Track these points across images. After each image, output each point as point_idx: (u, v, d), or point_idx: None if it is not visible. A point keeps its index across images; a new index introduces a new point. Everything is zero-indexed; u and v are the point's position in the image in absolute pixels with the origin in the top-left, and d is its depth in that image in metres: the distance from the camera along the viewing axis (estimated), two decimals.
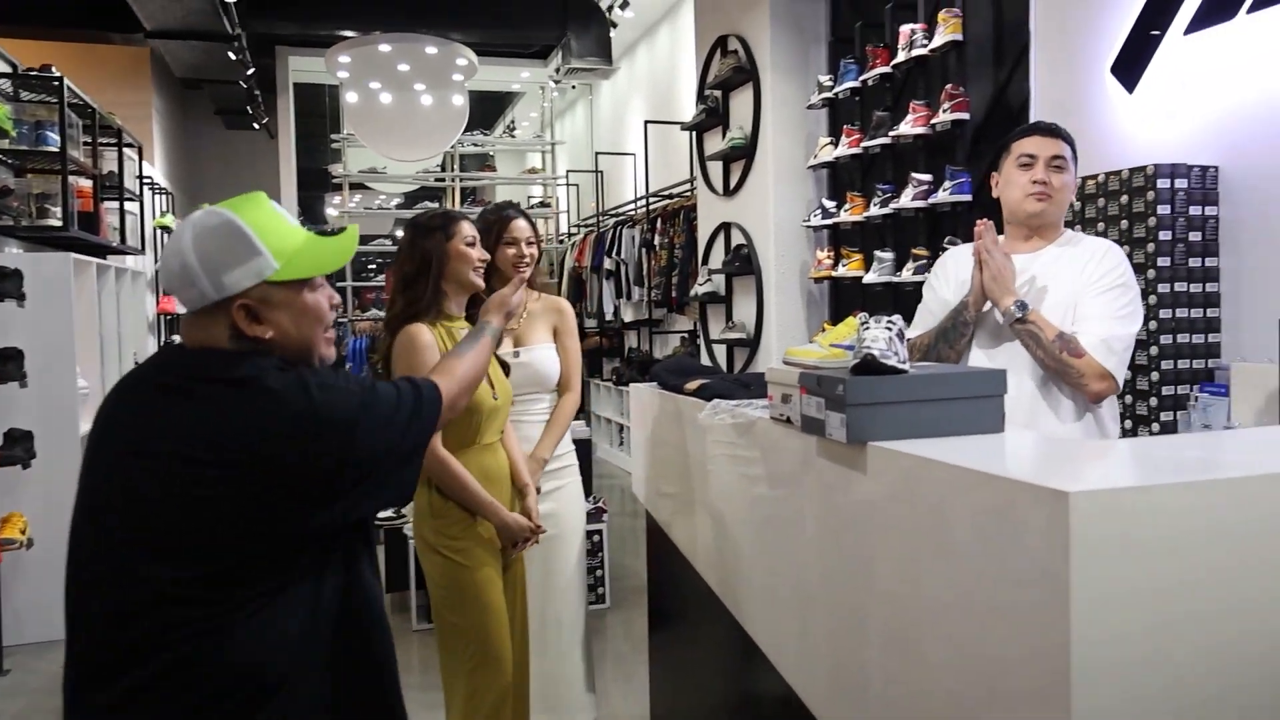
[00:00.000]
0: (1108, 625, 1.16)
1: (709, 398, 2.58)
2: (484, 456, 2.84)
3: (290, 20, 9.14)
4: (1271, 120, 2.97)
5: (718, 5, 6.71)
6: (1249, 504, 1.24)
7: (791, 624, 2.05)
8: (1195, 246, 3.13)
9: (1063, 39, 3.76)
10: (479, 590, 2.78)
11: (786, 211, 6.08)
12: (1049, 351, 2.34)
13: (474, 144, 11.31)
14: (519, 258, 3.14)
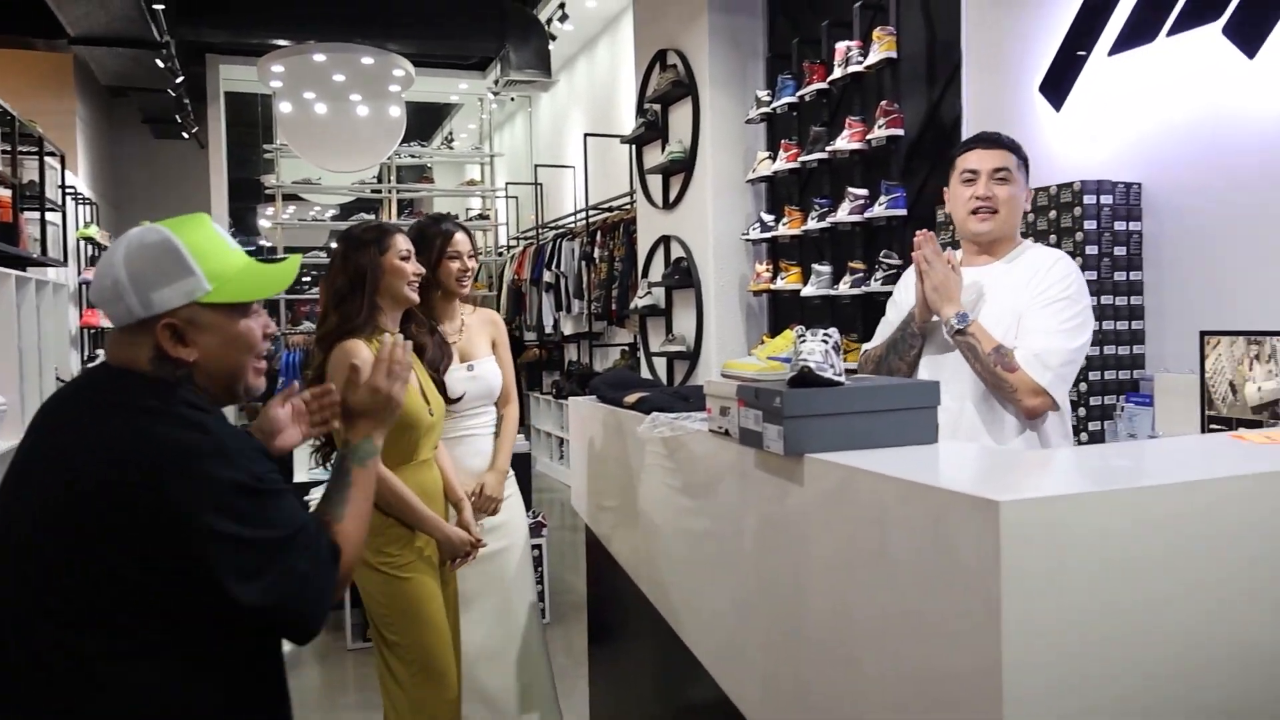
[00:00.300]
0: (1038, 631, 1.19)
1: (648, 411, 2.58)
2: (421, 473, 2.82)
3: (221, 28, 8.99)
4: (1191, 139, 3.06)
5: (656, 20, 6.75)
6: (1172, 510, 1.28)
7: (730, 636, 2.06)
8: (1120, 261, 3.21)
9: (993, 58, 3.85)
10: (421, 606, 2.75)
11: (725, 225, 6.13)
12: (985, 365, 2.30)
13: (411, 155, 11.22)
14: (463, 271, 3.12)
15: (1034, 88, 3.61)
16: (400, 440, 2.75)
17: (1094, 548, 1.23)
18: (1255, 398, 2.61)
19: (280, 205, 10.69)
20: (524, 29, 9.25)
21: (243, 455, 1.44)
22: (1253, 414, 2.61)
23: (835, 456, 1.58)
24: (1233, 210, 2.95)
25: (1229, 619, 1.30)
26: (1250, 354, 2.62)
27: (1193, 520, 1.28)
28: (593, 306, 8.53)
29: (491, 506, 3.15)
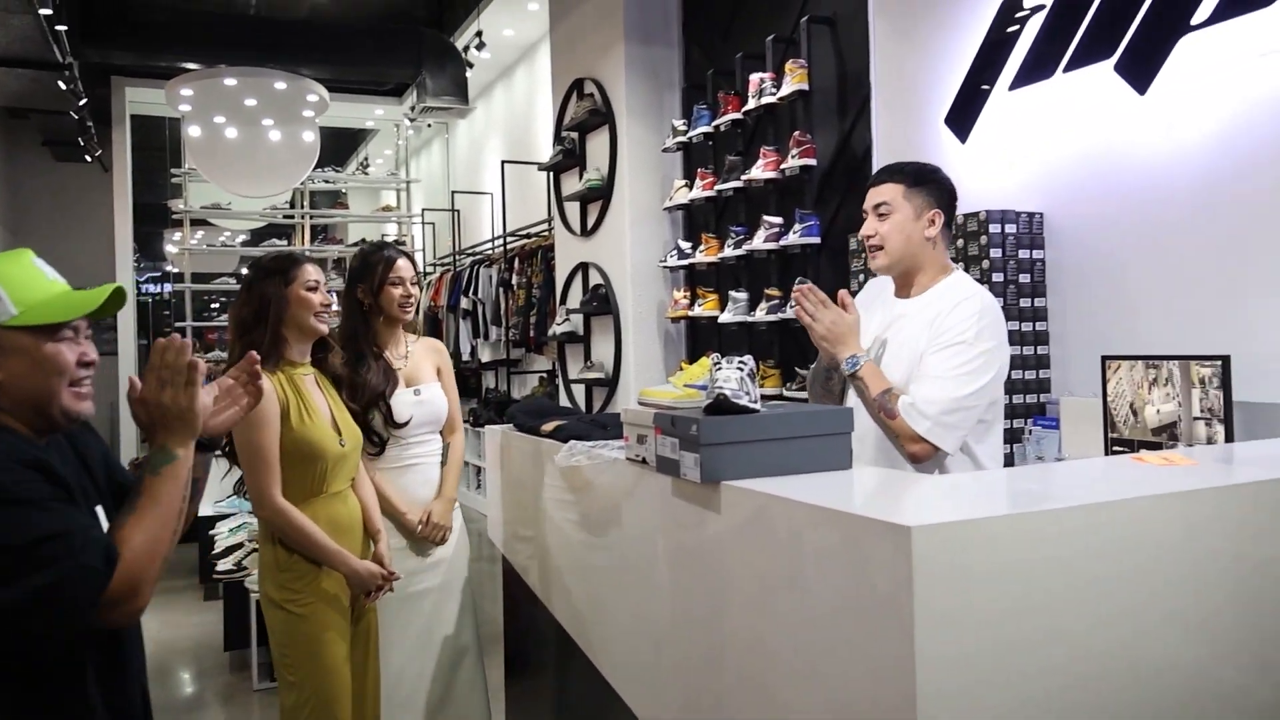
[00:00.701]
0: (950, 651, 1.20)
1: (566, 439, 2.57)
2: (332, 505, 2.75)
3: (128, 50, 8.77)
4: (1089, 170, 3.17)
5: (573, 49, 6.78)
6: (1079, 531, 1.31)
7: (648, 666, 2.05)
8: (1025, 288, 3.30)
9: (901, 91, 3.94)
10: (319, 647, 2.68)
11: (643, 252, 6.15)
12: (871, 410, 2.26)
13: (325, 180, 11.07)
14: (405, 297, 3.09)
15: (940, 120, 3.70)
16: (305, 472, 2.70)
17: (1004, 569, 1.25)
18: (1154, 420, 2.70)
19: (188, 230, 10.48)
20: (441, 56, 9.22)
21: (42, 489, 1.47)
22: (1152, 436, 2.70)
23: (751, 483, 1.59)
24: (1129, 238, 3.06)
25: (1134, 636, 1.34)
26: (1149, 378, 2.71)
27: (1096, 541, 1.32)
28: (510, 333, 8.49)
29: (439, 535, 3.11)
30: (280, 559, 2.70)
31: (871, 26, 4.11)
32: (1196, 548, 1.39)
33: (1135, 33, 2.95)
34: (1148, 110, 2.95)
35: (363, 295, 3.10)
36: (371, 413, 3.01)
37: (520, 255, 8.41)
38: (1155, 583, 1.36)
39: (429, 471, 3.17)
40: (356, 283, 3.13)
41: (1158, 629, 1.36)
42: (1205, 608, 1.40)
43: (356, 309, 3.11)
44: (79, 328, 1.62)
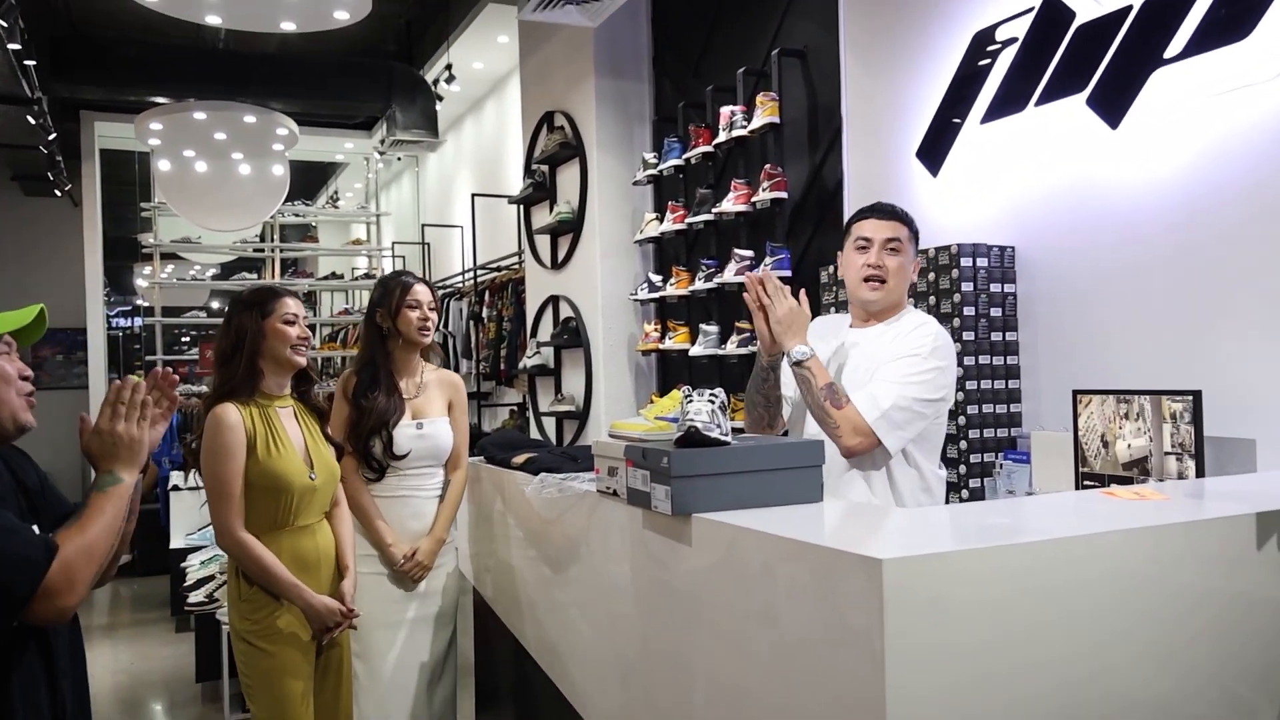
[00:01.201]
0: (920, 680, 1.20)
1: (536, 471, 2.56)
2: (298, 539, 2.75)
3: (97, 85, 8.74)
4: (1061, 204, 3.19)
5: (543, 82, 6.81)
6: (1049, 565, 1.31)
7: (618, 698, 2.03)
8: (996, 321, 3.31)
9: (872, 125, 3.97)
10: (276, 679, 2.69)
11: (614, 285, 6.15)
12: (815, 398, 2.32)
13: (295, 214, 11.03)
14: (423, 320, 3.14)
15: (912, 153, 3.72)
16: (271, 504, 2.71)
17: (975, 602, 1.25)
18: (1125, 454, 2.71)
19: (158, 264, 10.43)
20: (410, 90, 9.24)
21: None
22: (1123, 470, 2.71)
23: (723, 516, 1.58)
24: (1101, 272, 3.07)
25: (1105, 669, 1.33)
26: (1120, 412, 2.73)
27: (1066, 574, 1.32)
28: (481, 366, 8.46)
29: (419, 574, 3.10)
30: (242, 590, 2.72)
31: (843, 59, 4.14)
32: (1167, 582, 1.39)
33: (1108, 66, 2.98)
34: (1120, 144, 2.97)
35: (381, 320, 3.17)
36: (373, 440, 3.02)
37: (491, 288, 8.40)
38: (1126, 616, 1.36)
39: (423, 505, 3.17)
40: (376, 308, 3.20)
41: (1129, 662, 1.35)
42: (1175, 641, 1.40)
43: (376, 334, 3.18)
44: (11, 344, 1.72)
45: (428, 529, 3.16)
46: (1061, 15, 3.13)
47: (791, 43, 4.78)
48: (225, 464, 2.64)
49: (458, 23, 8.19)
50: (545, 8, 5.11)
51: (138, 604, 7.72)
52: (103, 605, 7.80)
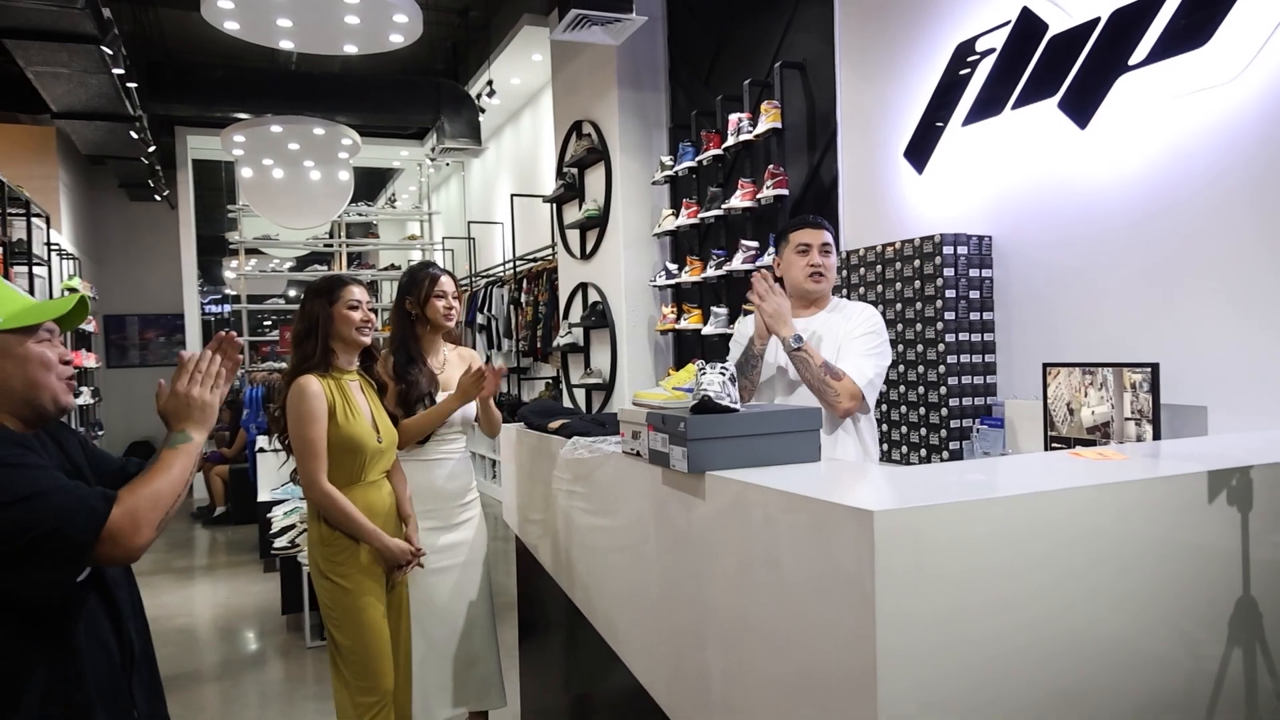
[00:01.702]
0: (907, 622, 1.18)
1: (569, 435, 2.56)
2: (368, 492, 2.79)
3: (188, 103, 8.79)
4: (1034, 197, 3.14)
5: (573, 95, 6.77)
6: (1021, 517, 1.28)
7: (641, 630, 2.03)
8: (974, 303, 3.27)
9: (864, 128, 3.92)
10: (359, 612, 2.73)
11: (635, 273, 6.14)
12: (815, 374, 2.49)
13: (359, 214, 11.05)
14: (448, 308, 3.12)
15: (899, 153, 3.68)
16: (347, 463, 2.75)
17: (954, 549, 1.23)
18: (1090, 420, 2.67)
19: (243, 259, 10.51)
20: (457, 103, 9.21)
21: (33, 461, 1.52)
22: (1088, 434, 2.67)
23: (732, 473, 1.57)
24: (1069, 259, 3.03)
25: (1069, 607, 1.31)
26: (1085, 382, 2.69)
27: (1039, 526, 1.29)
28: (520, 345, 8.47)
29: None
30: (325, 535, 2.75)
31: (838, 70, 4.09)
32: (1126, 532, 1.37)
33: (1077, 73, 2.92)
34: (1088, 143, 2.92)
35: (410, 307, 3.13)
36: (417, 410, 3.02)
37: (528, 276, 8.39)
38: (1089, 562, 1.33)
39: (456, 466, 3.17)
40: (405, 296, 3.16)
41: (1091, 602, 1.33)
42: (1132, 584, 1.37)
43: (405, 319, 3.14)
44: (53, 331, 1.67)
45: (463, 488, 3.18)
46: (1035, 27, 3.07)
47: (792, 56, 4.73)
48: (312, 426, 2.66)
49: (497, 43, 8.15)
50: (574, 29, 5.07)
51: (231, 548, 7.84)
52: (202, 549, 7.91)
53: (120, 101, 7.40)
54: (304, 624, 5.02)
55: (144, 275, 11.83)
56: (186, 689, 4.40)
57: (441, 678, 3.11)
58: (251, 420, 8.66)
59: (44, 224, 7.51)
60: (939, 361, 3.23)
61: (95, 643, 1.61)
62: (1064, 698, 1.30)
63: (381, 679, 2.73)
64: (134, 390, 11.75)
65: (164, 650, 4.89)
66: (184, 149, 10.51)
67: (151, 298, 11.91)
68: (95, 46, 6.22)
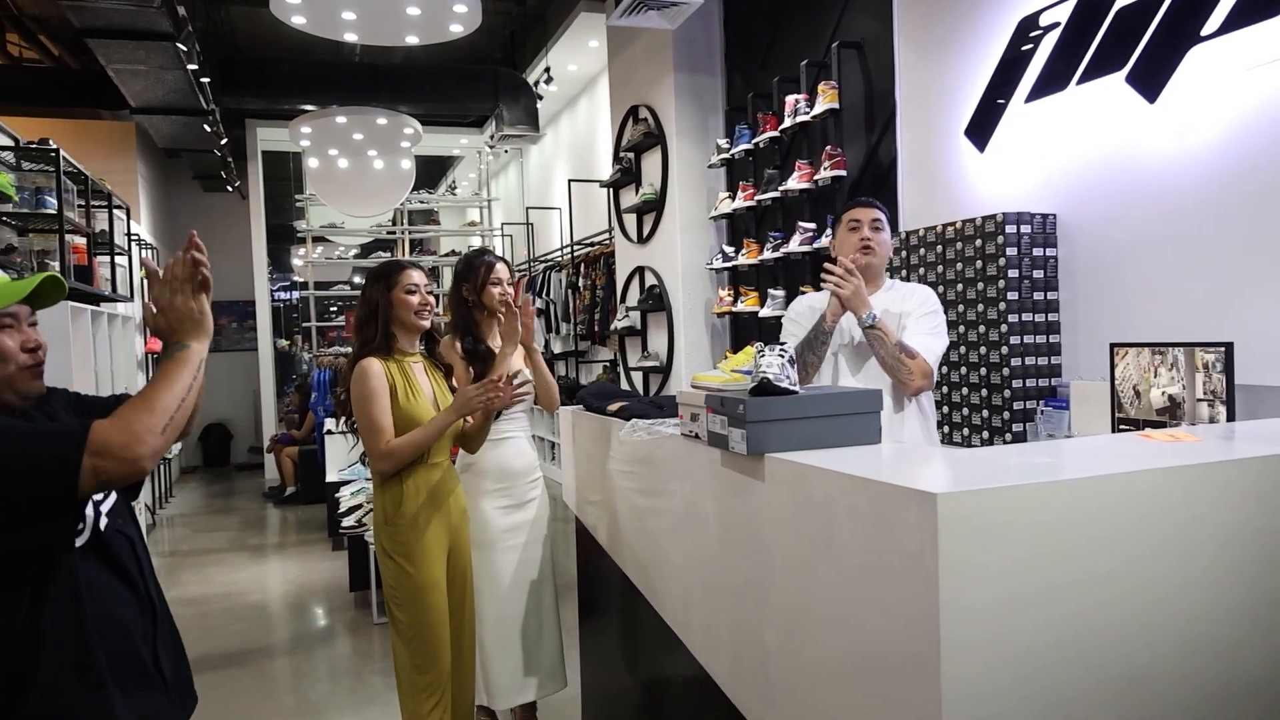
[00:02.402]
0: (970, 606, 1.16)
1: (628, 418, 2.55)
2: (431, 474, 2.80)
3: (258, 96, 8.96)
4: (1100, 173, 3.05)
5: (629, 80, 6.74)
6: (1085, 500, 1.25)
7: (701, 611, 2.02)
8: (1038, 282, 3.19)
9: (924, 107, 3.84)
10: (420, 593, 2.75)
11: (692, 256, 6.11)
12: (889, 351, 2.55)
13: (420, 201, 11.18)
14: (505, 295, 3.15)
15: (960, 132, 3.60)
16: None
17: (1019, 533, 1.20)
18: (1159, 401, 2.59)
19: (310, 246, 10.70)
20: (515, 91, 9.24)
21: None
22: (1157, 416, 2.59)
23: (791, 455, 1.55)
24: (1137, 236, 2.93)
25: (1139, 596, 1.27)
26: (1154, 363, 2.60)
27: (1105, 509, 1.26)
28: (578, 328, 8.50)
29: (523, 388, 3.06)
30: (389, 516, 2.77)
31: (896, 49, 4.00)
32: (1197, 516, 1.32)
33: (1146, 45, 2.81)
34: (1157, 117, 2.81)
35: (467, 293, 3.16)
36: None
37: (585, 261, 8.41)
38: (1157, 545, 1.29)
39: (521, 444, 3.20)
40: (462, 283, 3.19)
41: (1159, 587, 1.29)
42: (1203, 569, 1.33)
43: (463, 305, 3.17)
44: (19, 316, 1.60)
45: (530, 465, 3.20)
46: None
47: (850, 35, 4.65)
48: (374, 404, 2.68)
49: (554, 30, 8.15)
50: (630, 14, 5.04)
51: (301, 527, 8.02)
52: (274, 528, 8.12)
53: (194, 96, 7.58)
54: (371, 601, 5.12)
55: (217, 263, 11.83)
56: (259, 662, 4.51)
57: (505, 660, 3.14)
58: (320, 403, 8.84)
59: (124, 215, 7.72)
60: (1001, 342, 3.16)
61: (106, 619, 1.56)
62: (1130, 683, 1.26)
63: (439, 659, 2.76)
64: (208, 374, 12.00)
65: (237, 625, 5.04)
66: (254, 141, 10.72)
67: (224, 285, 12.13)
68: (171, 44, 6.38)
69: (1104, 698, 1.24)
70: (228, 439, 12.31)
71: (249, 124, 10.63)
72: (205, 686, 4.06)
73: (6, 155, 5.11)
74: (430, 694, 2.74)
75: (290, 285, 14.44)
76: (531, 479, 3.23)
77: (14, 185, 4.71)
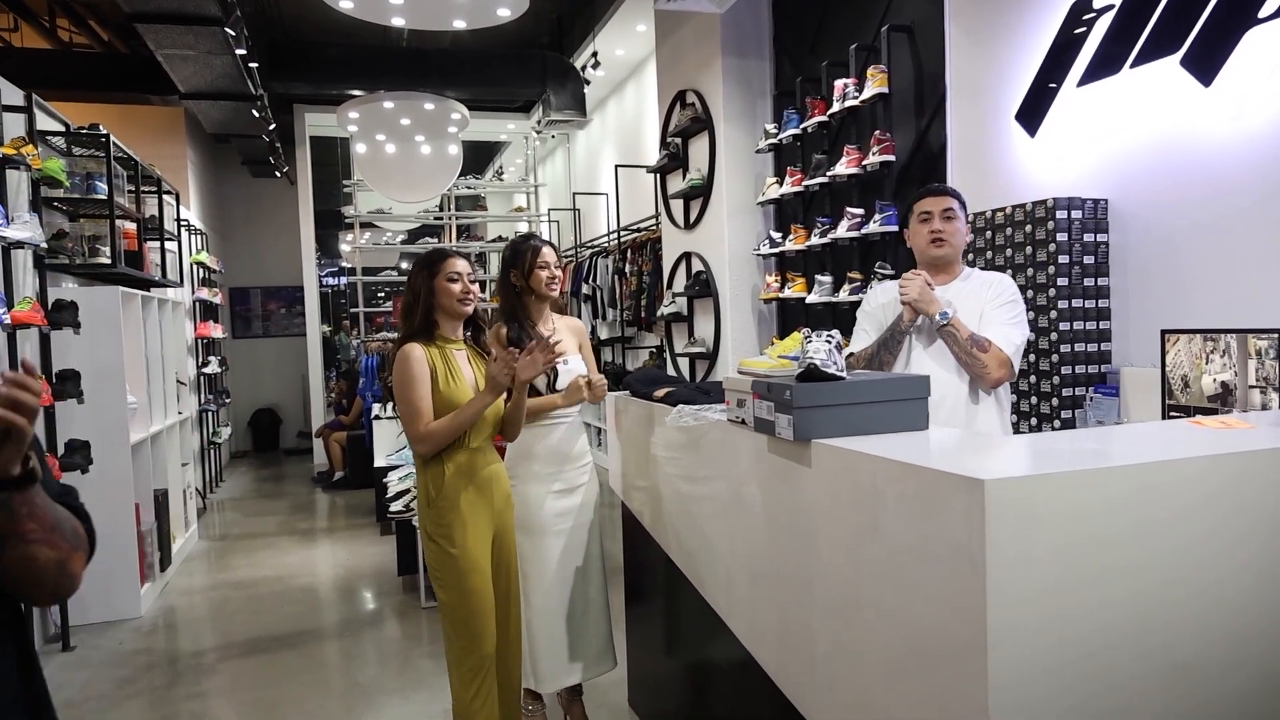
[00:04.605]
0: (1017, 592, 1.17)
1: (675, 403, 2.58)
2: (473, 458, 2.82)
3: (305, 81, 9.07)
4: (1153, 158, 3.01)
5: (676, 64, 6.73)
6: (1135, 487, 1.25)
7: (747, 596, 2.05)
8: (1089, 268, 3.16)
9: (974, 91, 3.80)
10: (463, 575, 2.77)
11: (739, 242, 6.10)
12: (963, 347, 2.56)
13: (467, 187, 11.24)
14: (551, 279, 3.18)
15: (1010, 116, 3.56)
16: None
17: (1065, 519, 1.21)
18: (1211, 388, 2.56)
19: (358, 232, 10.83)
20: (562, 75, 9.26)
21: None
22: (1208, 403, 2.56)
23: (839, 441, 1.57)
24: (1190, 222, 2.89)
25: (1184, 581, 1.28)
26: (1206, 349, 2.57)
27: (1155, 496, 1.26)
28: (625, 314, 8.53)
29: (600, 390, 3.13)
30: (431, 498, 2.80)
31: (947, 32, 3.97)
32: (1246, 501, 1.32)
33: (1202, 28, 2.77)
34: (1212, 101, 2.77)
35: (515, 279, 3.19)
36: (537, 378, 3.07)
37: (632, 247, 8.42)
38: (1206, 532, 1.29)
39: (569, 430, 3.21)
40: (509, 269, 3.22)
41: (1209, 574, 1.29)
42: (1253, 555, 1.33)
43: (511, 291, 3.21)
44: None
45: (579, 452, 3.22)
46: None
47: (900, 19, 4.60)
48: (414, 388, 2.73)
49: (602, 14, 8.15)
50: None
51: (350, 512, 8.12)
52: (323, 512, 8.25)
53: (243, 81, 7.68)
54: (419, 585, 5.17)
55: (265, 249, 12.31)
56: (310, 644, 4.61)
57: (551, 644, 3.16)
58: (368, 389, 8.95)
59: (174, 201, 7.84)
60: (1051, 328, 3.14)
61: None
62: (1178, 670, 1.27)
63: (483, 641, 2.78)
64: (257, 359, 12.31)
65: (289, 609, 5.14)
66: (302, 126, 10.85)
67: (272, 271, 12.40)
68: (219, 28, 6.46)
69: (1152, 685, 1.25)
70: (277, 424, 12.52)
71: (297, 109, 10.76)
72: (255, 669, 4.20)
73: (57, 140, 5.19)
74: (474, 675, 2.77)
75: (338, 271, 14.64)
76: (581, 464, 3.25)
77: (65, 170, 4.80)
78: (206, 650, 4.58)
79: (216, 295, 9.82)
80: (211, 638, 4.79)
